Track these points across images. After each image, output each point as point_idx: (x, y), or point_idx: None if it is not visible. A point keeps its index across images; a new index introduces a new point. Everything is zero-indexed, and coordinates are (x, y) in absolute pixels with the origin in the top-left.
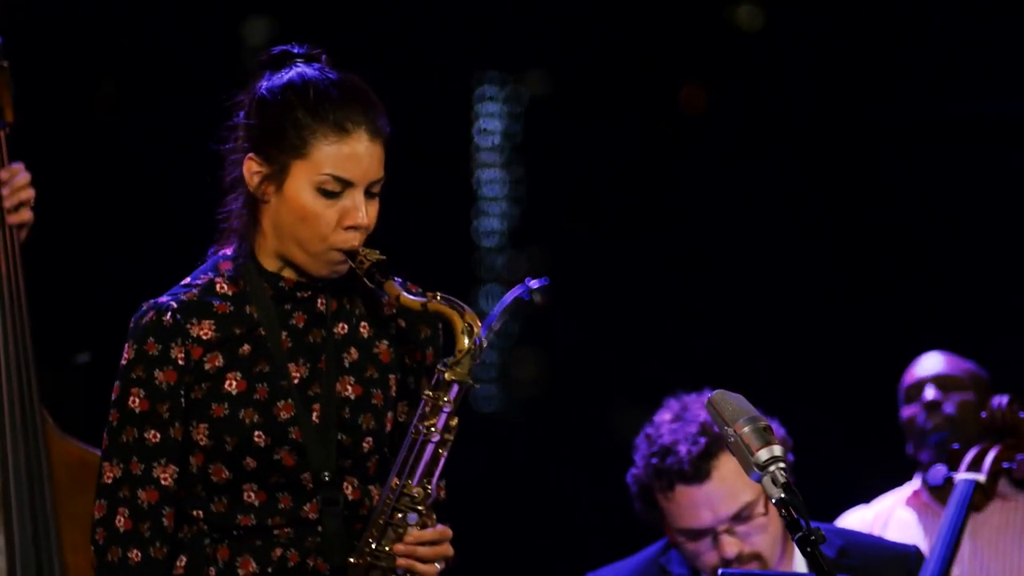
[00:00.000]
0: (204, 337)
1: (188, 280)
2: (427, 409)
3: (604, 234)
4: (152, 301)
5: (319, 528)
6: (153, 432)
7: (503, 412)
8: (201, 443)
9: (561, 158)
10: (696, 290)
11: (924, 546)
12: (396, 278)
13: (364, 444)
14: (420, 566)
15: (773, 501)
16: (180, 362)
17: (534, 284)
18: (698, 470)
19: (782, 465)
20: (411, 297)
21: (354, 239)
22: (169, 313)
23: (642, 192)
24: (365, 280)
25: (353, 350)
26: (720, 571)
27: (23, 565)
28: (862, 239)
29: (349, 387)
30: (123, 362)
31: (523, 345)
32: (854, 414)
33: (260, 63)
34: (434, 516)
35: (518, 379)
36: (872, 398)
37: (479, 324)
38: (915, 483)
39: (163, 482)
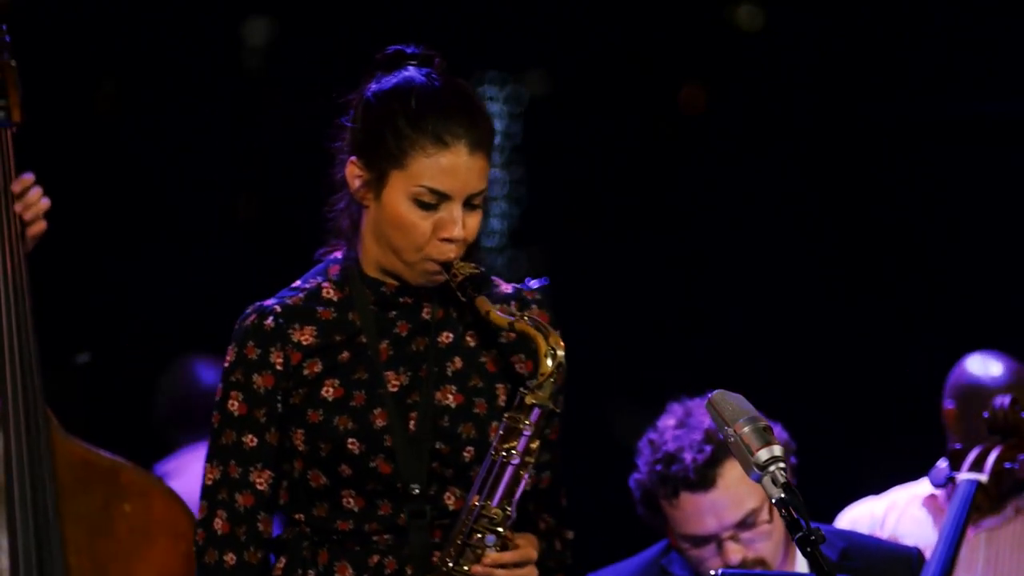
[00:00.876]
0: (304, 343)
1: (298, 283)
2: (506, 431)
3: (604, 234)
4: (257, 304)
5: (408, 538)
6: (250, 436)
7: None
8: (299, 448)
9: (561, 158)
10: (696, 290)
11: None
12: (511, 285)
13: (464, 454)
14: None
15: (773, 501)
16: (279, 367)
17: (534, 284)
18: (703, 478)
19: (782, 465)
20: (500, 315)
21: (449, 251)
22: (271, 317)
23: (642, 192)
24: (457, 293)
25: (457, 359)
26: (720, 571)
27: (25, 565)
28: (862, 239)
29: (450, 396)
30: (225, 364)
31: None
32: (853, 414)
33: (373, 62)
34: (513, 537)
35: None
36: (871, 398)
37: (563, 347)
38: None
39: (258, 487)
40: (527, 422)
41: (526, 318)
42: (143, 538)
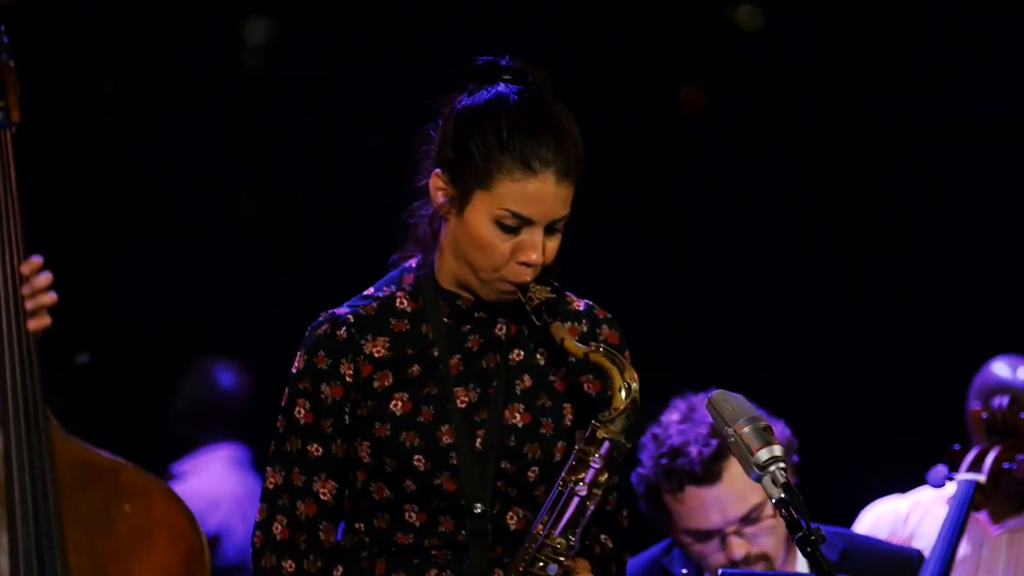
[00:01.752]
0: (376, 355)
1: (371, 291)
2: (576, 462)
3: (604, 234)
4: (330, 312)
5: (468, 556)
6: (316, 446)
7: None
8: (364, 460)
9: None
10: (696, 290)
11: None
12: (584, 302)
13: (530, 473)
14: None
15: (773, 501)
16: (348, 379)
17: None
18: (709, 471)
19: (782, 465)
20: (575, 344)
21: (526, 274)
22: (344, 328)
23: (642, 192)
24: (532, 317)
25: (527, 377)
26: (720, 571)
27: (25, 565)
28: (862, 238)
29: (518, 415)
30: (293, 370)
31: None
32: (853, 413)
33: (466, 71)
34: (575, 565)
35: None
36: (871, 397)
37: (637, 381)
38: None
39: (322, 496)
40: (597, 455)
41: (601, 349)
42: (143, 538)
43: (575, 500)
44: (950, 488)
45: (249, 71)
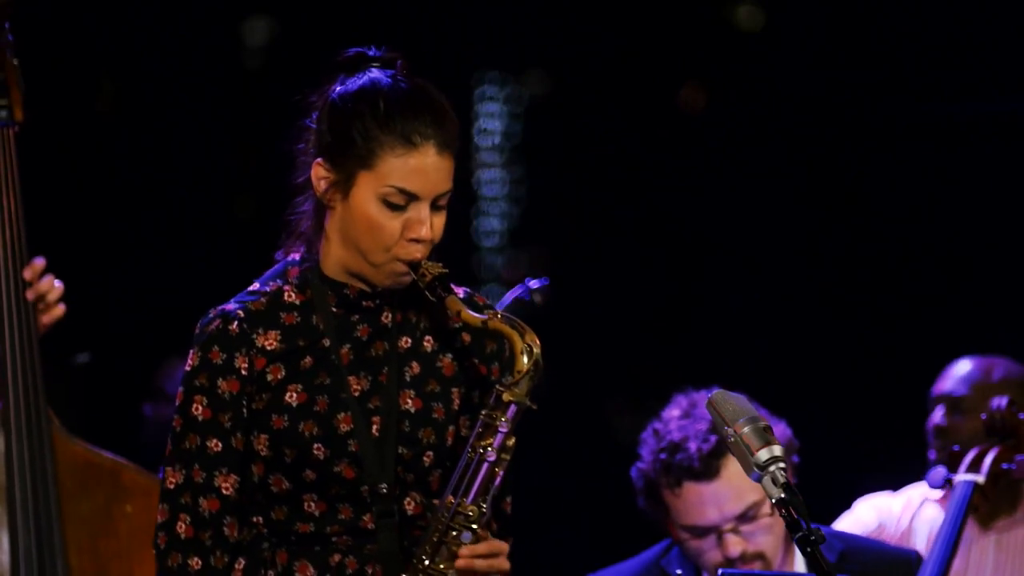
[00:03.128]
0: (268, 348)
1: (256, 286)
2: (483, 428)
3: (604, 234)
4: (220, 308)
5: (376, 538)
6: (215, 441)
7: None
8: (262, 453)
9: (561, 158)
10: (696, 290)
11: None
12: (462, 289)
13: (425, 458)
14: None
15: (773, 501)
16: (243, 372)
17: (534, 284)
18: (708, 467)
19: (782, 465)
20: (472, 314)
21: (417, 251)
22: (236, 322)
23: (642, 192)
24: (427, 294)
25: (415, 364)
26: (720, 571)
27: (26, 565)
28: (863, 238)
29: (410, 400)
30: (187, 368)
31: None
32: (853, 413)
33: (335, 64)
34: (489, 535)
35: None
36: (871, 396)
37: (538, 345)
38: None
39: (224, 491)
40: (504, 419)
41: (500, 315)
42: (144, 539)
43: (484, 466)
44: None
45: (249, 71)
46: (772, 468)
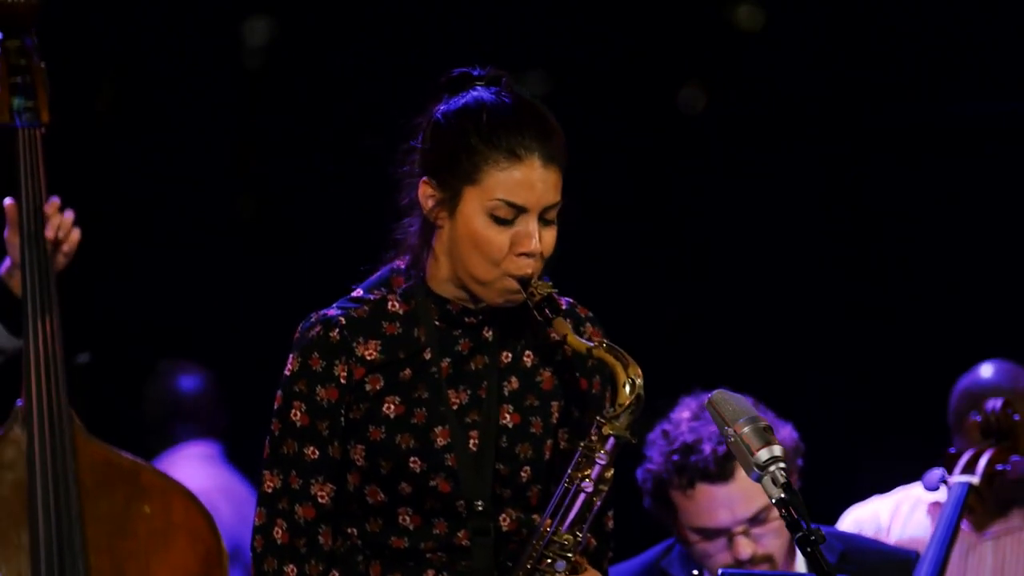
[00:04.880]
0: (368, 357)
1: (360, 293)
2: (582, 459)
3: (604, 234)
4: (321, 313)
5: (471, 555)
6: (312, 448)
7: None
8: (358, 463)
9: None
10: (696, 290)
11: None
12: (565, 300)
13: (522, 474)
14: None
15: (773, 501)
16: (343, 380)
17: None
18: (723, 469)
19: (782, 465)
20: (578, 339)
21: (527, 266)
22: (337, 329)
23: (642, 192)
24: (535, 313)
25: (514, 379)
26: (720, 571)
27: (47, 564)
28: (864, 238)
29: (508, 415)
30: (287, 372)
31: None
32: (854, 414)
33: (439, 85)
34: (585, 561)
35: None
36: (871, 397)
37: (641, 377)
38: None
39: (320, 500)
40: (603, 452)
41: (604, 345)
42: (162, 539)
43: (581, 496)
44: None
45: (249, 71)
46: (772, 468)
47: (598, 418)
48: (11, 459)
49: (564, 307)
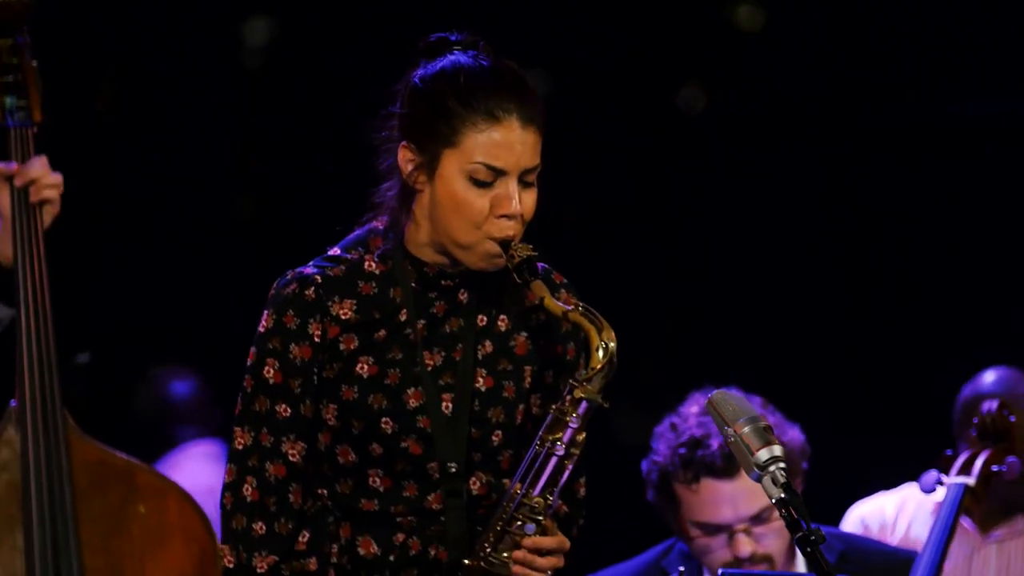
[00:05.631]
0: (343, 317)
1: (338, 251)
2: (553, 422)
3: (604, 234)
4: (297, 271)
5: (442, 519)
6: (284, 406)
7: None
8: (329, 423)
9: (561, 158)
10: (696, 290)
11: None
12: (541, 265)
13: (493, 438)
14: (533, 573)
15: (773, 501)
16: (316, 339)
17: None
18: (728, 465)
19: (782, 465)
20: (555, 302)
21: (508, 228)
22: (312, 288)
23: (642, 192)
24: (514, 275)
25: (488, 343)
26: (720, 571)
27: (41, 565)
28: (864, 239)
29: (481, 379)
30: (260, 329)
31: None
32: (854, 414)
33: (416, 51)
34: (555, 525)
35: None
36: (871, 397)
37: (615, 341)
38: None
39: (291, 458)
40: (575, 415)
41: (580, 308)
42: (157, 539)
43: (553, 460)
44: (939, 493)
45: (249, 71)
46: (772, 468)
47: (571, 381)
48: (5, 460)
49: (540, 272)
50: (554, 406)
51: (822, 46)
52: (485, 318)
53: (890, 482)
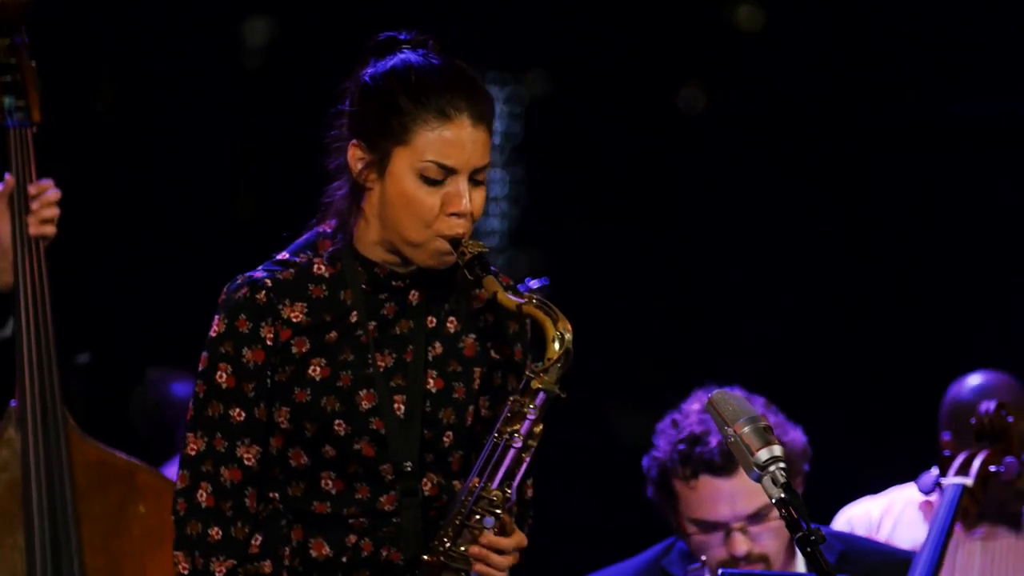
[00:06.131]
0: (294, 320)
1: (286, 255)
2: (511, 414)
3: (604, 234)
4: (247, 275)
5: (395, 520)
6: (238, 410)
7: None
8: (282, 426)
9: (561, 158)
10: (696, 290)
11: None
12: (492, 267)
13: (444, 439)
14: (490, 570)
15: (773, 501)
16: (268, 342)
17: (534, 284)
18: (727, 463)
19: (782, 465)
20: (508, 296)
21: (458, 226)
22: (263, 291)
23: (642, 192)
24: (465, 272)
25: (438, 344)
26: (720, 571)
27: (42, 564)
28: (863, 239)
29: (431, 380)
30: (212, 334)
31: None
32: (854, 414)
33: (366, 49)
34: (512, 521)
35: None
36: (871, 397)
37: (571, 332)
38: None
39: (246, 462)
40: (532, 406)
41: (534, 301)
42: (157, 539)
43: (511, 452)
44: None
45: (249, 71)
46: (772, 468)
47: (527, 373)
48: (5, 460)
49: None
50: (511, 398)
51: (822, 46)
52: (435, 319)
53: (890, 482)
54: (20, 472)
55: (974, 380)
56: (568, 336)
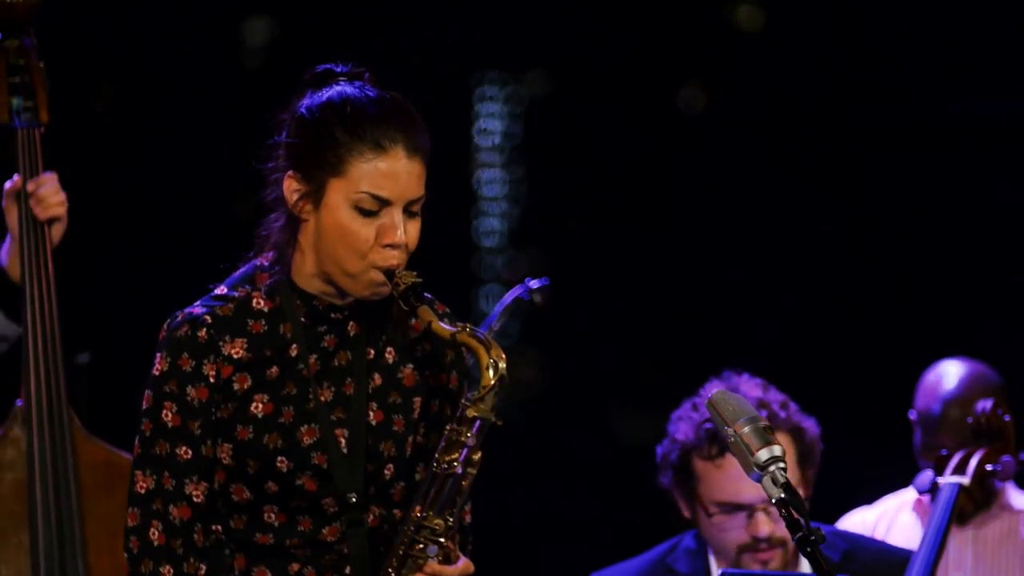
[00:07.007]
0: (235, 356)
1: (224, 290)
2: (448, 443)
3: (604, 234)
4: (187, 312)
5: (344, 550)
6: (185, 448)
7: (501, 413)
8: (224, 462)
9: (561, 158)
10: (696, 290)
11: None
12: (426, 294)
13: (386, 471)
14: None
15: (773, 501)
16: (211, 379)
17: (534, 284)
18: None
19: (782, 465)
20: (442, 326)
21: (392, 258)
22: (204, 328)
23: (642, 192)
24: (400, 302)
25: (376, 376)
26: (720, 571)
27: (47, 564)
28: (863, 239)
29: (371, 413)
30: (155, 372)
31: (522, 345)
32: (854, 414)
33: (303, 82)
34: (456, 547)
35: (517, 380)
36: (872, 397)
37: (504, 360)
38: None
39: (195, 499)
40: (469, 434)
41: (468, 329)
42: None
43: (451, 480)
44: (914, 493)
45: (249, 71)
46: (772, 468)
47: (463, 401)
48: (11, 459)
49: (426, 299)
50: (448, 427)
51: (822, 46)
52: (373, 351)
53: (890, 482)
54: (26, 472)
55: (952, 371)
56: (502, 364)
